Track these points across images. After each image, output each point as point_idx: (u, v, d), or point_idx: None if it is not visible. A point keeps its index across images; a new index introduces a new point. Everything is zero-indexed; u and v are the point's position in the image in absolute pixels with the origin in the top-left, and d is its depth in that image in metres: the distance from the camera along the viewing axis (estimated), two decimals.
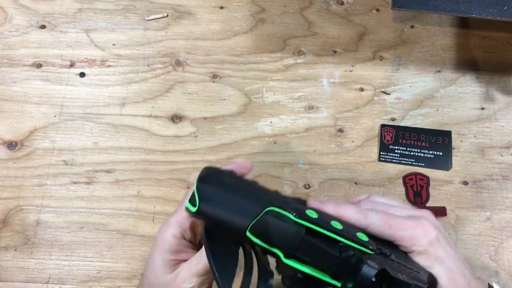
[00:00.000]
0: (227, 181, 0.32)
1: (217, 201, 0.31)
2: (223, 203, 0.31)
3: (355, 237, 0.30)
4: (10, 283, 0.55)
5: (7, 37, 0.67)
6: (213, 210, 0.31)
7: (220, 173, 0.33)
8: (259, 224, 0.30)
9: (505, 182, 0.59)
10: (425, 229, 0.33)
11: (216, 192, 0.31)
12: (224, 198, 0.31)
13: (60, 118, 0.63)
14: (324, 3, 0.70)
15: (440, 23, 0.69)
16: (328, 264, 0.30)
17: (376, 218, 0.33)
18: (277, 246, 0.30)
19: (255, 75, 0.65)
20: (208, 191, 0.31)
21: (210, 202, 0.31)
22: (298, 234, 0.29)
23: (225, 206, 0.31)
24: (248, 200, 0.31)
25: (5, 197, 0.59)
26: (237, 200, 0.31)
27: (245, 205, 0.31)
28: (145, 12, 0.69)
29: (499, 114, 0.63)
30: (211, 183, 0.32)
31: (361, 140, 0.62)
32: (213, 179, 0.32)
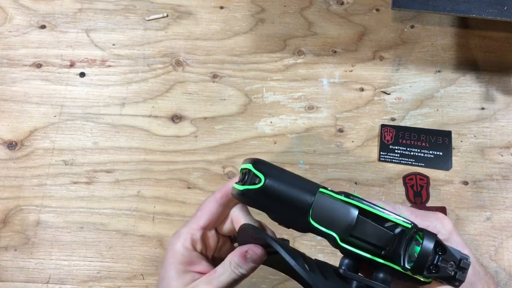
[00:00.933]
0: (277, 166, 0.33)
1: (280, 178, 0.31)
2: (286, 180, 0.31)
3: (398, 216, 0.32)
4: (10, 283, 0.55)
5: (7, 37, 0.67)
6: (279, 186, 0.30)
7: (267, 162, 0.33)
8: (317, 207, 0.30)
9: (505, 182, 0.59)
10: (443, 221, 0.36)
11: (275, 169, 0.31)
12: (284, 176, 0.31)
13: (60, 118, 0.63)
14: (324, 3, 0.70)
15: (440, 23, 0.69)
16: (383, 243, 0.31)
17: (403, 209, 0.35)
18: (334, 228, 0.30)
19: (255, 75, 0.65)
20: (270, 168, 0.31)
21: (275, 178, 0.31)
22: (352, 213, 0.30)
23: (288, 182, 0.31)
24: (305, 181, 0.31)
25: (5, 197, 0.59)
26: (296, 179, 0.31)
27: (304, 183, 0.31)
28: (145, 12, 0.69)
29: (499, 114, 0.63)
30: (267, 164, 0.32)
31: (361, 140, 0.62)
32: (266, 162, 0.32)
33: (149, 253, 0.56)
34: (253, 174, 0.31)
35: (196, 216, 0.36)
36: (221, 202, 0.36)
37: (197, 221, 0.36)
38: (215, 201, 0.36)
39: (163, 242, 0.57)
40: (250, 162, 0.32)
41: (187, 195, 0.59)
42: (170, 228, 0.57)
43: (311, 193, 0.31)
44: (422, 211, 0.36)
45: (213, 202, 0.36)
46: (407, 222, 0.31)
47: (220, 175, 0.60)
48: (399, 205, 0.36)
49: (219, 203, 0.36)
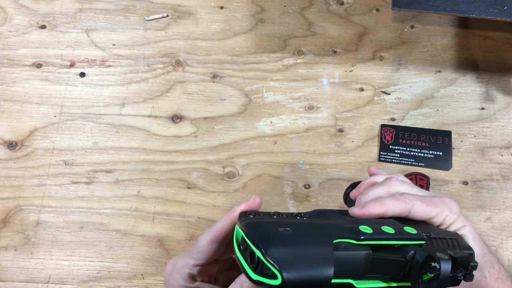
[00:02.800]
0: (283, 233, 0.28)
1: (296, 262, 0.26)
2: (301, 261, 0.26)
3: (408, 234, 0.31)
4: (10, 283, 0.55)
5: (7, 37, 0.67)
6: (298, 274, 0.26)
7: (271, 227, 0.29)
8: (335, 265, 0.27)
9: (505, 182, 0.59)
10: (449, 204, 0.36)
11: (289, 253, 0.26)
12: (299, 256, 0.27)
13: (60, 118, 0.63)
14: (324, 3, 0.70)
15: (440, 23, 0.69)
16: (397, 271, 0.30)
17: (414, 201, 0.35)
18: (350, 276, 0.28)
19: (255, 75, 0.65)
20: (282, 256, 0.26)
21: (291, 267, 0.26)
22: (367, 256, 0.29)
23: (304, 263, 0.27)
24: (317, 245, 0.28)
25: (5, 197, 0.59)
26: (309, 251, 0.27)
27: (318, 253, 0.27)
28: (145, 12, 0.69)
29: (499, 114, 0.63)
30: (278, 245, 0.27)
31: (361, 140, 0.62)
32: (275, 238, 0.27)
33: (149, 253, 0.56)
34: (263, 264, 0.26)
35: (192, 253, 0.36)
36: (215, 241, 0.35)
37: (193, 258, 0.35)
38: (209, 242, 0.35)
39: (163, 242, 0.57)
40: (258, 245, 0.27)
41: (187, 195, 0.59)
42: (170, 228, 0.57)
43: (329, 258, 0.27)
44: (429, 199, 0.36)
45: (208, 242, 0.35)
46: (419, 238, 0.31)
47: (220, 175, 0.60)
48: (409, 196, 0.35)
49: (212, 243, 0.35)
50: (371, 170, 0.46)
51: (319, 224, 0.31)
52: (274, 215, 0.33)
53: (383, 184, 0.38)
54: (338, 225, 0.31)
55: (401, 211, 0.34)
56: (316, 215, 0.34)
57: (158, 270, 0.56)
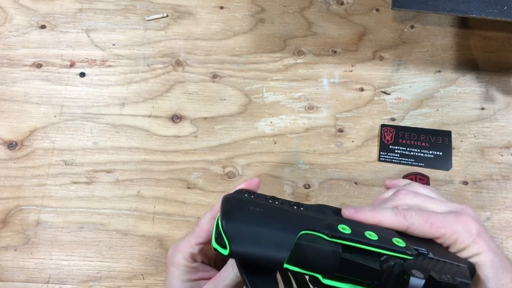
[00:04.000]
0: (251, 211, 0.30)
1: (248, 238, 0.28)
2: (255, 239, 0.28)
3: (392, 244, 0.29)
4: (10, 283, 0.55)
5: (7, 37, 0.67)
6: (246, 249, 0.28)
7: (242, 203, 0.31)
8: (294, 252, 0.28)
9: (505, 182, 0.59)
10: (467, 224, 0.32)
11: (244, 229, 0.29)
12: (254, 234, 0.28)
13: (60, 118, 0.63)
14: (324, 3, 0.70)
15: (440, 23, 0.69)
16: (370, 278, 0.29)
17: (416, 218, 0.32)
18: (316, 270, 0.29)
19: (255, 75, 0.65)
20: (236, 230, 0.29)
21: (241, 241, 0.28)
22: (335, 254, 0.28)
23: (257, 242, 0.28)
24: (279, 230, 0.29)
25: (5, 197, 0.59)
26: (268, 233, 0.29)
27: (278, 237, 0.29)
28: (145, 12, 0.69)
29: (499, 114, 0.63)
30: (237, 219, 0.29)
31: (361, 140, 0.62)
32: (238, 213, 0.30)
33: (149, 253, 0.56)
34: (221, 235, 0.29)
35: (194, 232, 0.36)
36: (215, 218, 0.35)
37: (194, 236, 0.36)
38: (210, 220, 0.36)
39: (163, 242, 0.57)
40: (221, 216, 0.29)
41: (187, 195, 0.59)
42: (170, 228, 0.57)
43: (287, 244, 0.28)
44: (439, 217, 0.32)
45: (208, 219, 0.36)
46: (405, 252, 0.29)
47: (220, 175, 0.60)
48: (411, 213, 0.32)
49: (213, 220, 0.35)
50: (386, 183, 0.42)
51: (295, 214, 0.31)
52: (270, 199, 0.33)
53: (390, 199, 0.35)
54: (316, 218, 0.31)
55: (398, 226, 0.32)
56: (315, 208, 0.34)
57: (158, 270, 0.56)
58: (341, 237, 0.28)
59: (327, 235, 0.29)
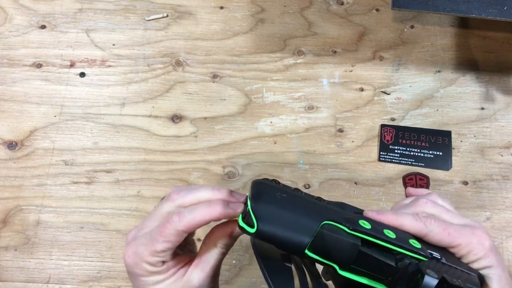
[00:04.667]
0: (279, 197, 0.31)
1: (275, 220, 0.30)
2: (281, 222, 0.30)
3: (408, 245, 0.30)
4: (10, 283, 0.55)
5: (7, 37, 0.67)
6: (272, 230, 0.30)
7: (271, 188, 0.32)
8: (316, 239, 0.30)
9: (505, 182, 0.59)
10: (480, 238, 0.33)
11: (272, 211, 0.30)
12: (280, 217, 0.30)
13: (60, 118, 0.63)
14: (324, 3, 0.70)
15: (440, 23, 0.69)
16: (384, 274, 0.30)
17: (435, 226, 0.33)
18: (334, 260, 0.30)
19: (255, 75, 0.65)
20: (264, 210, 0.30)
21: (268, 221, 0.30)
22: (354, 246, 0.29)
23: (283, 224, 0.30)
24: (304, 216, 0.30)
25: (5, 197, 0.59)
26: (294, 217, 0.30)
27: (302, 222, 0.30)
28: (145, 12, 0.69)
29: (499, 114, 0.63)
30: (266, 201, 0.31)
31: (361, 140, 0.62)
32: (266, 196, 0.31)
33: None
34: (249, 214, 0.30)
35: (156, 241, 0.32)
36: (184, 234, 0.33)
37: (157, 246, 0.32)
38: (179, 234, 0.32)
39: None
40: (251, 197, 0.31)
41: None
42: None
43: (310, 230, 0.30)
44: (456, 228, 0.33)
45: (178, 232, 0.32)
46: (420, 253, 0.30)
47: (220, 175, 0.60)
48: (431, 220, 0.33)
49: (182, 235, 0.33)
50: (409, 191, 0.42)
51: (319, 205, 0.33)
52: (294, 189, 0.34)
53: (410, 205, 0.36)
54: (338, 212, 0.32)
55: (417, 232, 0.33)
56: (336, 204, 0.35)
57: None
58: (361, 231, 0.29)
59: (348, 228, 0.29)
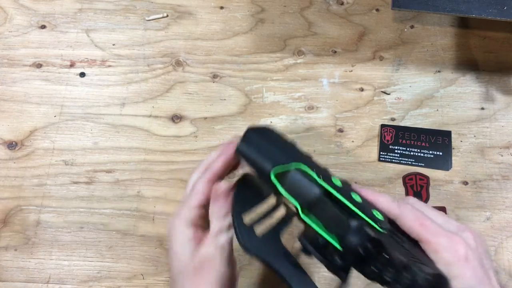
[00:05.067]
0: (270, 135, 0.37)
1: (255, 145, 0.36)
2: (259, 148, 0.35)
3: (370, 213, 0.31)
4: (10, 283, 0.55)
5: (7, 37, 0.67)
6: (248, 151, 0.36)
7: (271, 131, 0.38)
8: (285, 174, 0.34)
9: (505, 182, 0.59)
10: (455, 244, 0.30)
11: (257, 138, 0.36)
12: (261, 144, 0.36)
13: (60, 118, 0.63)
14: (324, 3, 0.70)
15: (440, 23, 0.69)
16: (337, 228, 0.31)
17: (409, 212, 0.32)
18: (296, 198, 0.33)
19: (255, 75, 0.65)
20: (250, 136, 0.36)
21: (249, 144, 0.36)
22: (315, 192, 0.32)
23: (259, 150, 0.35)
24: (281, 151, 0.35)
25: (5, 197, 0.59)
26: (271, 149, 0.35)
27: (276, 154, 0.35)
28: (145, 12, 0.69)
29: (499, 114, 0.63)
30: (257, 132, 0.37)
31: (361, 140, 0.62)
32: (262, 129, 0.38)
33: (149, 253, 0.56)
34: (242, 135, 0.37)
35: (191, 197, 0.37)
36: (212, 181, 0.38)
37: (191, 201, 0.37)
38: (207, 183, 0.37)
39: (163, 242, 0.57)
40: (250, 127, 0.37)
41: None
42: None
43: (279, 161, 0.34)
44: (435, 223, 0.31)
45: (204, 184, 0.37)
46: (377, 222, 0.31)
47: None
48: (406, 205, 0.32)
49: (210, 184, 0.37)
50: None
51: (302, 154, 0.37)
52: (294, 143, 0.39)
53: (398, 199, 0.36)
54: (317, 165, 0.36)
55: (389, 211, 0.33)
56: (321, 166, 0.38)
57: (158, 270, 0.56)
58: (329, 184, 0.33)
59: (319, 177, 0.33)
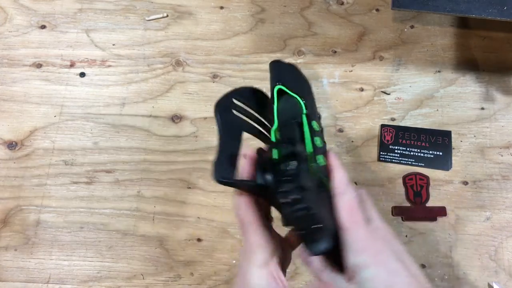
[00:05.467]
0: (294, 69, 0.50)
1: (281, 69, 0.49)
2: (283, 72, 0.48)
3: (316, 146, 0.37)
4: (11, 283, 0.55)
5: (7, 37, 0.67)
6: (274, 69, 0.47)
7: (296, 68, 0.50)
8: (286, 97, 0.42)
9: (505, 182, 0.59)
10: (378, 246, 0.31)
11: (284, 66, 0.49)
12: (285, 71, 0.48)
13: (60, 118, 0.63)
14: (324, 3, 0.70)
15: (440, 23, 0.69)
16: (288, 144, 0.35)
17: (349, 196, 0.33)
18: (278, 116, 0.39)
19: (255, 75, 0.65)
20: (280, 64, 0.50)
21: (277, 66, 0.49)
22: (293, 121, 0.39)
23: (281, 73, 0.47)
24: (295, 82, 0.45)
25: (5, 197, 0.59)
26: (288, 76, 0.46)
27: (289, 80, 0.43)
28: (145, 12, 0.69)
29: (499, 114, 0.63)
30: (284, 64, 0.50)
31: (361, 140, 0.62)
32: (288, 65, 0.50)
33: (149, 253, 0.56)
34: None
35: (256, 254, 0.34)
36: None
37: (259, 258, 0.34)
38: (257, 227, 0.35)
39: (163, 242, 0.57)
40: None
41: (187, 195, 0.59)
42: (170, 228, 0.57)
43: (284, 84, 0.43)
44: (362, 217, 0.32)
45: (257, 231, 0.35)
46: (315, 150, 0.36)
47: None
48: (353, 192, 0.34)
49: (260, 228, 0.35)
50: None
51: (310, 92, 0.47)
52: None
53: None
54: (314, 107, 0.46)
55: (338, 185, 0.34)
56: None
57: (158, 270, 0.56)
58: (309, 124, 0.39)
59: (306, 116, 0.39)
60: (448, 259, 0.56)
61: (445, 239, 0.57)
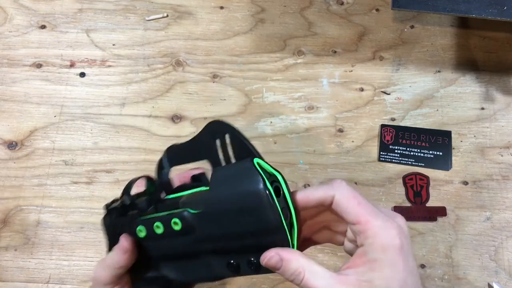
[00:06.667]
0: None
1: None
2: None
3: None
4: (11, 283, 0.55)
5: (7, 37, 0.67)
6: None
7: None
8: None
9: (505, 182, 0.59)
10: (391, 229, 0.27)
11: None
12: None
13: (60, 118, 0.63)
14: (324, 3, 0.70)
15: (440, 23, 0.69)
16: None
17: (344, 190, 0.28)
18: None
19: (255, 75, 0.65)
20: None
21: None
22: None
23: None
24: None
25: (5, 197, 0.59)
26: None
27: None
28: (145, 12, 0.69)
29: (499, 114, 0.63)
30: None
31: (361, 140, 0.62)
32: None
33: None
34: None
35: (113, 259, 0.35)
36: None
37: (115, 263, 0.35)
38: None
39: None
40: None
41: None
42: None
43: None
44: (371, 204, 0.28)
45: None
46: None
47: None
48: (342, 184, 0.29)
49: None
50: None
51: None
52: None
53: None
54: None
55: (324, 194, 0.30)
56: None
57: None
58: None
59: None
60: (448, 259, 0.56)
61: (445, 239, 0.57)
